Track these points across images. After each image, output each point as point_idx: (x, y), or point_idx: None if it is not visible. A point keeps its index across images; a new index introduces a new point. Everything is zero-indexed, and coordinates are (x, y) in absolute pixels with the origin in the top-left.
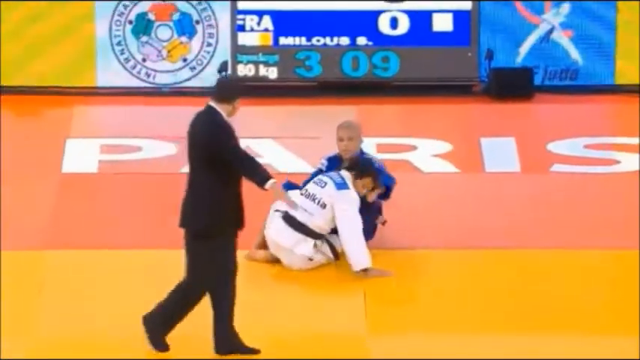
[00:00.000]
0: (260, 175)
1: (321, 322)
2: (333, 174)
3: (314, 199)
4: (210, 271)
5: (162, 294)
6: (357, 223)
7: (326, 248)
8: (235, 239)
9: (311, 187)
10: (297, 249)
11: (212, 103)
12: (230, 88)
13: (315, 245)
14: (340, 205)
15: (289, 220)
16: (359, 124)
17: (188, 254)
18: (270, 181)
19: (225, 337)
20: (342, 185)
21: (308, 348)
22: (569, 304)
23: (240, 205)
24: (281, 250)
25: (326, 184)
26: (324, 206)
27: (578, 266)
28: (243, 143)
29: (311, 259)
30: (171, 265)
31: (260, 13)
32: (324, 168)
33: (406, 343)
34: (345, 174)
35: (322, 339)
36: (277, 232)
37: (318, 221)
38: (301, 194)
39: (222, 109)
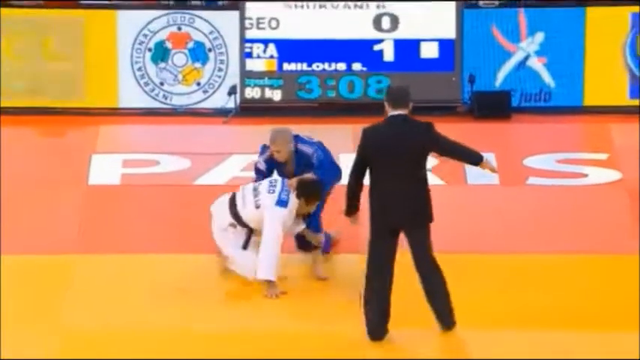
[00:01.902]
0: (474, 155)
1: (319, 322)
2: (283, 188)
3: (256, 196)
4: None
5: (176, 293)
6: (277, 238)
7: (242, 234)
8: None
9: (263, 186)
10: (217, 218)
11: (398, 112)
12: (406, 95)
13: (232, 224)
14: (268, 219)
15: (230, 204)
16: (284, 132)
17: (425, 243)
18: (485, 158)
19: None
20: (282, 203)
21: (306, 346)
22: (545, 304)
23: None
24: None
25: (274, 191)
26: (258, 207)
27: (552, 269)
28: (252, 158)
29: (225, 230)
30: (186, 268)
31: (266, 42)
32: (264, 169)
33: (401, 339)
34: (292, 197)
35: (319, 338)
36: (216, 211)
37: (248, 214)
38: (252, 184)
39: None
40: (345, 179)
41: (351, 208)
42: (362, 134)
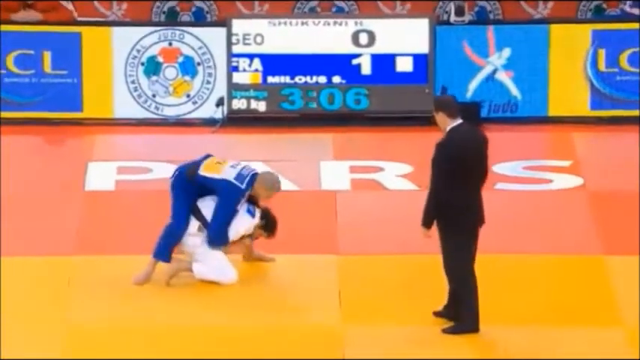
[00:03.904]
0: None
1: (297, 316)
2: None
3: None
4: None
5: (168, 291)
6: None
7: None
8: None
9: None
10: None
11: (459, 121)
12: (457, 104)
13: (200, 229)
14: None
15: (194, 212)
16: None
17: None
18: None
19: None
20: (251, 212)
21: (285, 341)
22: (513, 302)
23: None
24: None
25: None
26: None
27: (519, 268)
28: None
29: (195, 235)
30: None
31: (251, 57)
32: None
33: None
34: (257, 217)
35: (298, 331)
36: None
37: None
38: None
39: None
40: None
41: (433, 221)
42: (450, 149)
